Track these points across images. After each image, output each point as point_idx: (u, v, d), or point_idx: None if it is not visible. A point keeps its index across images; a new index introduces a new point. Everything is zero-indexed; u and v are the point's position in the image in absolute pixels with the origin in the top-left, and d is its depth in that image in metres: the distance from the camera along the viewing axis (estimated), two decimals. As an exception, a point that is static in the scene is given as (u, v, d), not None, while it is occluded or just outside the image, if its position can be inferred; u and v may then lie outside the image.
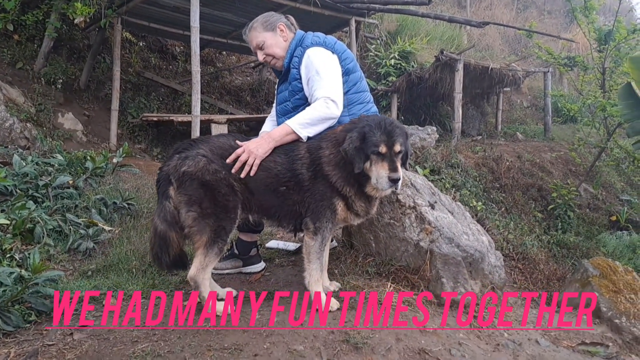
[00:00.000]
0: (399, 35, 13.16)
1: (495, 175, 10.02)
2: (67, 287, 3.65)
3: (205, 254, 3.17)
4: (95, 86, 9.56)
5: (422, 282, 3.56)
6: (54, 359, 2.81)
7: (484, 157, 10.27)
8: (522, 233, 7.83)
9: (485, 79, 12.05)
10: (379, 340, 2.95)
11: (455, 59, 10.62)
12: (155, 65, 11.03)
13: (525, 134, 13.66)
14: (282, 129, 3.29)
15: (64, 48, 9.57)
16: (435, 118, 12.83)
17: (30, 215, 4.26)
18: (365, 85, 3.78)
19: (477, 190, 8.98)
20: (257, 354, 2.75)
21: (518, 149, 11.49)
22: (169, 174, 3.21)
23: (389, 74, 12.16)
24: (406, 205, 3.69)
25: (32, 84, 8.52)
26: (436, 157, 8.89)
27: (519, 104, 16.18)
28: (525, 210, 9.72)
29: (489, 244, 4.03)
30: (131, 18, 8.91)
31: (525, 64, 14.84)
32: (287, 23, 3.74)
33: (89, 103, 9.31)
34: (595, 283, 3.86)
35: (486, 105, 14.30)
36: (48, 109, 8.34)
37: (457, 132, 11.02)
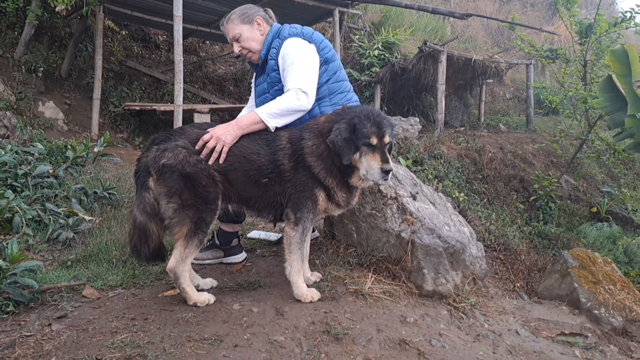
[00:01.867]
0: (382, 27, 13.15)
1: (478, 167, 10.09)
2: (46, 277, 3.62)
3: (185, 245, 3.16)
4: (77, 75, 9.44)
5: (404, 273, 3.59)
6: (32, 350, 2.78)
7: (466, 148, 10.33)
8: (504, 224, 7.91)
9: (468, 71, 12.11)
10: (359, 331, 2.98)
11: (439, 50, 10.65)
12: (138, 54, 10.89)
13: (507, 125, 13.76)
14: (250, 117, 3.27)
15: (46, 36, 9.43)
16: (418, 109, 12.86)
17: (9, 204, 4.19)
18: (345, 74, 3.79)
19: (459, 182, 9.05)
20: (237, 345, 2.76)
21: (501, 140, 11.58)
22: (147, 166, 3.18)
23: (372, 64, 12.15)
24: (388, 195, 3.71)
25: (13, 72, 8.40)
26: (419, 148, 8.92)
27: (501, 96, 16.28)
28: (507, 201, 9.81)
29: (470, 235, 4.06)
30: (113, 6, 8.79)
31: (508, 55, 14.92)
32: (265, 16, 3.72)
33: (70, 92, 9.19)
34: (574, 274, 3.91)
35: (469, 96, 14.36)
36: (29, 98, 8.23)
37: (440, 123, 11.07)
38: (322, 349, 2.80)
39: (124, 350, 2.69)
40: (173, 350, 2.69)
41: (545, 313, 3.80)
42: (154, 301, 3.32)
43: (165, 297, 3.38)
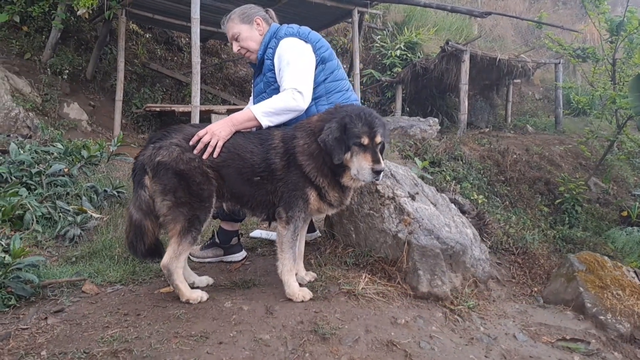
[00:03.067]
0: (405, 26, 13.07)
1: (501, 168, 9.91)
2: (49, 273, 3.71)
3: (179, 242, 3.19)
4: (101, 77, 9.67)
5: (399, 274, 3.55)
6: (25, 342, 2.85)
7: (489, 150, 10.16)
8: (524, 227, 7.73)
9: (493, 70, 11.92)
10: (347, 331, 2.95)
11: (462, 50, 10.51)
12: (161, 57, 11.10)
13: (535, 126, 13.48)
14: (245, 113, 3.30)
15: (72, 39, 9.69)
16: (442, 109, 12.73)
17: (20, 202, 4.32)
18: (343, 73, 3.77)
19: (480, 183, 8.90)
20: (222, 342, 2.77)
21: (527, 142, 11.34)
22: (144, 164, 3.24)
23: (394, 64, 12.08)
24: (385, 195, 3.67)
25: (39, 74, 8.65)
26: (438, 148, 8.82)
27: (530, 96, 15.96)
28: (531, 204, 9.62)
29: (473, 237, 3.99)
30: (135, 10, 8.96)
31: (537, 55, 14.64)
32: (265, 17, 3.74)
33: (94, 93, 9.42)
34: (580, 278, 3.80)
35: (496, 96, 14.14)
36: (54, 99, 8.46)
37: (463, 123, 10.92)
38: (307, 348, 2.79)
39: (112, 345, 2.73)
40: (159, 346, 2.72)
41: (548, 318, 3.70)
42: (149, 298, 3.37)
43: (160, 293, 3.42)
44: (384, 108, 12.53)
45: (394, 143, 8.33)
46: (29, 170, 4.92)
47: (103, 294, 3.48)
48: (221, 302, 3.24)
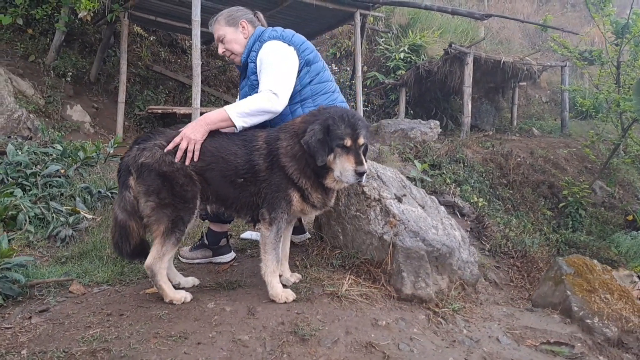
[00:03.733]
0: (410, 29, 13.05)
1: (504, 171, 9.85)
2: (38, 273, 3.75)
3: (162, 243, 3.21)
4: (104, 79, 9.75)
5: (384, 276, 3.54)
6: (7, 341, 2.88)
7: (492, 153, 10.11)
8: (524, 231, 7.68)
9: (498, 73, 11.87)
10: (327, 333, 2.95)
11: (465, 52, 10.47)
12: (165, 59, 11.18)
13: (541, 129, 13.39)
14: (219, 113, 3.29)
15: (76, 42, 9.79)
16: (446, 112, 12.68)
17: (14, 202, 4.37)
18: (329, 75, 3.78)
19: (481, 187, 8.85)
20: (201, 342, 2.78)
21: (531, 145, 11.27)
22: (128, 165, 3.27)
23: (398, 67, 12.07)
24: (371, 197, 3.67)
25: (43, 76, 8.74)
26: (439, 151, 8.78)
27: (537, 99, 15.86)
28: (533, 207, 9.56)
29: (461, 240, 3.97)
30: (137, 12, 9.03)
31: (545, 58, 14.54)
32: (252, 19, 3.76)
33: (98, 95, 9.51)
34: (568, 281, 3.76)
35: (501, 99, 14.06)
36: (57, 101, 8.55)
37: (466, 126, 10.87)
38: (285, 349, 2.79)
39: (91, 345, 2.76)
40: (137, 346, 2.73)
41: (534, 321, 3.67)
42: (134, 298, 3.39)
43: (146, 294, 3.44)
44: (387, 110, 12.52)
45: (394, 145, 8.31)
46: (24, 171, 4.97)
47: (89, 294, 3.50)
48: (204, 303, 3.25)
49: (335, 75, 12.81)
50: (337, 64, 13.25)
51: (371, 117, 12.04)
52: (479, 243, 7.12)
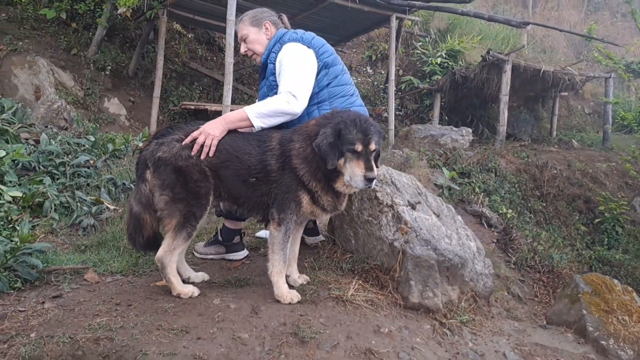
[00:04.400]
0: (449, 34, 12.87)
1: (537, 183, 9.61)
2: (57, 259, 3.87)
3: (173, 237, 3.27)
4: (142, 74, 9.99)
5: (392, 283, 3.51)
6: (19, 324, 2.99)
7: (527, 163, 9.88)
8: (554, 245, 7.48)
9: (537, 82, 11.57)
10: (327, 336, 2.95)
11: (503, 60, 10.26)
12: (202, 57, 11.36)
13: (582, 141, 13.01)
14: (238, 113, 3.34)
15: (117, 37, 10.05)
16: (483, 120, 12.46)
17: (40, 190, 4.52)
18: (348, 78, 3.78)
19: (512, 197, 8.66)
20: (201, 337, 2.82)
21: (570, 157, 10.97)
22: (146, 158, 3.34)
23: (434, 72, 11.93)
24: (384, 203, 3.64)
25: (83, 69, 9.02)
26: (471, 159, 8.64)
27: (579, 110, 15.40)
28: (567, 222, 9.28)
29: (476, 251, 3.90)
30: (176, 10, 9.21)
31: (590, 68, 14.12)
32: (275, 21, 3.81)
33: (135, 90, 9.74)
34: (584, 300, 3.65)
35: (541, 109, 13.73)
36: (95, 94, 8.81)
37: (502, 135, 10.65)
38: (284, 350, 2.80)
39: (96, 332, 2.82)
40: (140, 337, 2.79)
41: (546, 338, 3.58)
42: (144, 289, 3.46)
43: (156, 286, 3.51)
44: (421, 116, 12.39)
45: (423, 151, 8.22)
46: (55, 160, 5.13)
47: (102, 283, 3.60)
48: (211, 299, 3.29)
49: (369, 78, 12.76)
50: (372, 67, 13.19)
51: (404, 122, 11.94)
52: (505, 255, 6.98)
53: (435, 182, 7.62)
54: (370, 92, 12.31)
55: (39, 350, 2.70)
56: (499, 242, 7.06)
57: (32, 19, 9.01)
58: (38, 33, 8.98)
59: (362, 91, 12.24)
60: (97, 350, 2.72)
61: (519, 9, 17.81)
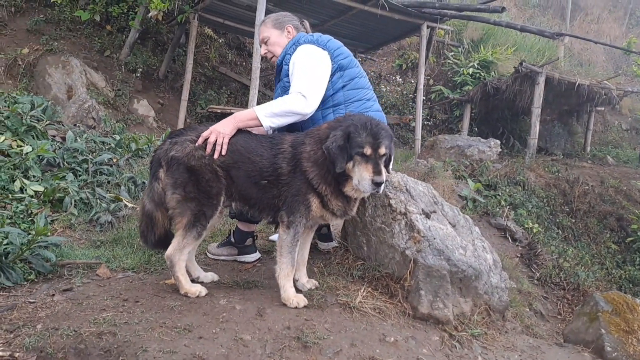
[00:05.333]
0: (482, 44, 12.68)
1: (567, 199, 9.34)
2: (72, 253, 3.93)
3: (184, 235, 3.27)
4: (172, 77, 10.14)
5: (402, 292, 3.43)
6: (27, 315, 3.03)
7: (557, 178, 9.63)
8: (581, 262, 7.25)
9: (572, 96, 11.29)
10: (331, 342, 2.90)
11: (537, 72, 10.05)
12: (231, 61, 11.49)
13: (617, 158, 12.64)
14: (248, 112, 3.35)
15: (150, 40, 10.24)
16: (514, 133, 12.21)
17: (61, 185, 4.60)
18: (366, 82, 3.73)
19: (540, 212, 8.43)
20: (203, 337, 2.80)
21: (603, 174, 10.65)
22: (159, 157, 3.36)
23: (465, 82, 11.76)
24: (397, 210, 3.57)
25: (115, 70, 9.20)
26: (498, 171, 8.45)
27: (616, 126, 14.97)
28: (597, 240, 8.98)
29: (492, 264, 3.79)
30: (207, 14, 9.33)
31: (632, 83, 13.71)
32: (297, 25, 3.83)
33: (164, 92, 9.89)
34: (603, 319, 3.50)
35: (575, 123, 13.39)
36: (125, 95, 8.97)
37: (532, 148, 10.41)
38: (285, 353, 2.76)
39: (100, 327, 2.83)
40: (142, 333, 2.79)
41: (561, 356, 3.44)
42: (153, 287, 3.46)
43: (165, 284, 3.51)
44: (450, 126, 12.23)
45: (449, 162, 8.09)
46: (78, 157, 5.23)
47: (113, 279, 3.63)
48: (217, 299, 3.28)
49: (398, 87, 12.66)
50: (402, 76, 13.10)
51: (432, 132, 11.81)
52: (528, 271, 6.80)
53: (459, 193, 7.49)
54: (399, 101, 12.22)
55: (42, 341, 2.72)
56: (523, 257, 6.89)
57: (69, 20, 9.26)
58: (73, 34, 9.22)
59: (390, 100, 12.18)
60: (99, 344, 2.72)
61: (556, 21, 17.48)
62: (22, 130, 5.19)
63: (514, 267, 6.42)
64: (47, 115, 6.11)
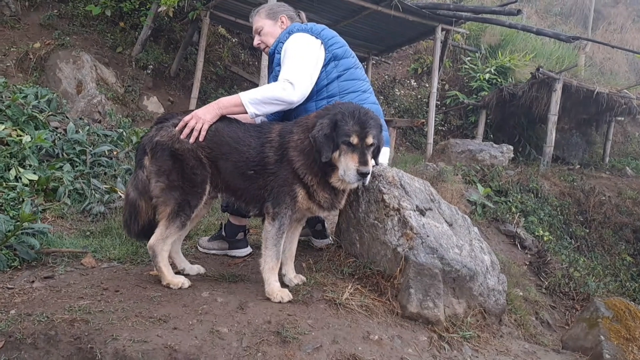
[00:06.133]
0: (500, 50, 12.47)
1: (582, 208, 9.11)
2: (59, 242, 3.86)
3: (167, 225, 3.18)
4: (184, 75, 10.13)
5: (391, 290, 3.29)
6: (3, 300, 2.95)
7: (572, 187, 9.39)
8: (592, 273, 7.01)
9: (591, 104, 11.03)
10: (312, 338, 2.76)
11: (554, 78, 9.84)
12: (244, 61, 11.45)
13: (637, 169, 12.30)
14: (232, 98, 3.25)
15: (163, 38, 10.25)
16: (531, 140, 11.97)
17: (55, 175, 4.55)
18: (362, 74, 3.62)
19: (552, 221, 8.20)
20: (177, 328, 2.69)
21: (621, 185, 10.38)
22: (144, 145, 3.29)
23: (482, 88, 11.57)
24: (390, 206, 3.43)
25: (126, 67, 9.21)
26: (511, 178, 8.24)
27: (636, 137, 14.61)
28: (612, 251, 8.74)
29: (490, 265, 3.62)
30: (218, 12, 9.29)
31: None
32: (292, 15, 3.75)
33: (175, 90, 9.88)
34: (603, 326, 3.31)
35: (594, 133, 13.09)
36: (135, 91, 8.98)
37: (548, 156, 10.17)
38: (262, 348, 2.64)
39: (74, 314, 2.75)
40: (116, 322, 2.69)
41: (557, 363, 3.27)
42: (137, 278, 3.38)
43: (150, 275, 3.42)
44: (465, 132, 12.03)
45: (459, 166, 7.91)
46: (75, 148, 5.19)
47: (97, 269, 3.54)
48: (200, 291, 3.18)
49: (413, 92, 12.50)
50: (417, 80, 12.94)
51: (447, 138, 11.61)
52: (537, 279, 6.60)
53: (468, 198, 7.30)
54: (413, 106, 12.06)
55: (13, 326, 2.64)
56: (532, 264, 6.68)
57: (82, 16, 9.31)
58: (86, 30, 9.26)
59: (404, 104, 12.02)
60: (70, 331, 2.63)
61: (578, 30, 17.17)
62: (22, 120, 5.17)
63: (522, 274, 6.22)
64: (52, 107, 6.10)
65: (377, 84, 12.26)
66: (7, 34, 8.61)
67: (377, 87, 12.17)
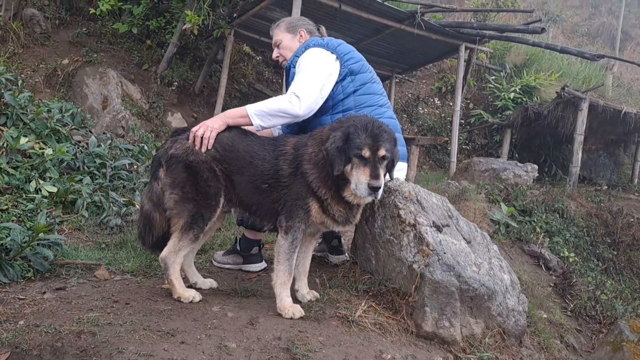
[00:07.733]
0: (525, 69, 12.32)
1: (609, 230, 8.83)
2: (71, 253, 3.86)
3: (180, 237, 3.16)
4: (208, 92, 10.22)
5: (406, 308, 3.19)
6: (14, 310, 2.94)
7: (599, 208, 9.13)
8: (620, 296, 6.76)
9: (618, 124, 10.76)
10: (322, 356, 2.68)
11: (580, 97, 9.64)
12: (268, 79, 11.53)
13: (666, 191, 11.94)
14: (239, 109, 3.26)
15: (188, 55, 10.38)
16: (557, 161, 11.72)
17: (74, 187, 4.59)
18: (379, 89, 3.58)
19: (578, 242, 7.97)
20: (185, 342, 2.64)
21: (651, 207, 10.07)
22: (160, 157, 3.29)
23: (506, 107, 11.41)
24: (406, 222, 3.35)
25: (152, 83, 9.34)
26: (535, 197, 8.05)
27: (667, 158, 14.19)
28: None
29: (510, 284, 3.50)
30: (243, 30, 9.39)
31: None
32: (310, 29, 3.76)
33: (199, 107, 9.97)
34: (628, 349, 3.16)
35: (622, 154, 12.77)
36: (160, 107, 9.08)
37: (574, 177, 9.92)
38: (270, 365, 2.57)
39: (82, 326, 2.72)
40: (123, 335, 2.66)
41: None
42: (148, 290, 3.35)
43: (161, 288, 3.39)
44: (490, 152, 11.86)
45: (482, 185, 7.77)
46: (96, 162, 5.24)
47: (110, 281, 3.53)
48: (211, 305, 3.13)
49: (437, 110, 12.40)
50: (441, 99, 12.84)
51: (471, 156, 11.47)
52: (562, 301, 6.38)
53: (491, 217, 7.14)
54: (437, 124, 11.96)
55: (20, 337, 2.62)
56: (557, 286, 6.46)
57: (110, 34, 9.50)
58: (113, 47, 9.44)
59: (428, 122, 11.93)
60: (76, 343, 2.60)
61: (605, 51, 16.89)
62: (45, 133, 5.25)
63: (546, 296, 6.03)
64: (75, 121, 6.20)
65: (400, 102, 12.23)
66: (37, 50, 8.83)
67: (400, 105, 12.14)
